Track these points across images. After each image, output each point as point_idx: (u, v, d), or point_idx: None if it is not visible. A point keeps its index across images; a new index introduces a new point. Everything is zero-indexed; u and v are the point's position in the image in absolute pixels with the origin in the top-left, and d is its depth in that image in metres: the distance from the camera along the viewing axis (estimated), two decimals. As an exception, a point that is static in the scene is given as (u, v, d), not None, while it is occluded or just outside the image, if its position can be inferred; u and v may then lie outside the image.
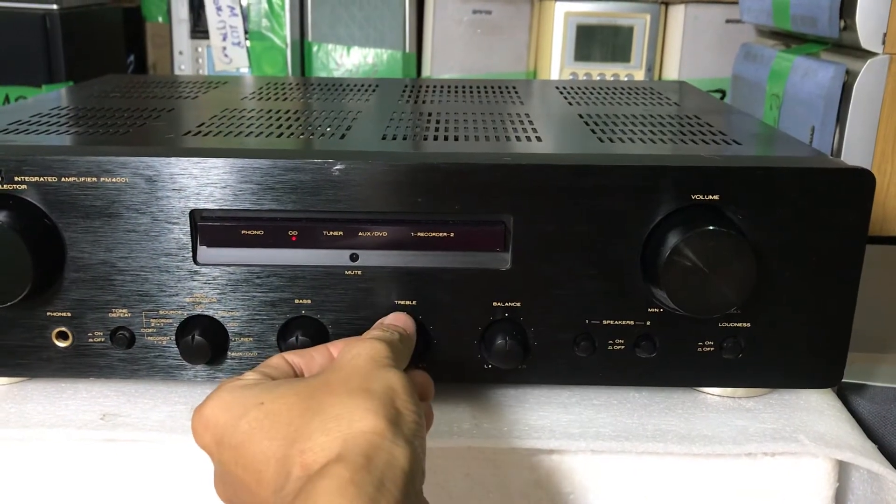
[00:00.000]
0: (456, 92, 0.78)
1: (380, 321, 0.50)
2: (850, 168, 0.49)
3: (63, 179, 0.50)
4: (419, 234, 0.51)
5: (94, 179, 0.50)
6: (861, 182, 0.49)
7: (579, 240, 0.50)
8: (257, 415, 0.38)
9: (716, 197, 0.49)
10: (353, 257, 0.51)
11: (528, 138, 0.58)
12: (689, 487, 0.52)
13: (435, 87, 0.82)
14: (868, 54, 0.90)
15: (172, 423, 0.52)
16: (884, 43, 0.90)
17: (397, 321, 0.50)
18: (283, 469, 0.36)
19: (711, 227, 0.47)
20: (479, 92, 0.79)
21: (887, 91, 0.90)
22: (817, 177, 0.49)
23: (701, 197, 0.49)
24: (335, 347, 0.46)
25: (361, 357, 0.42)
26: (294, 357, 0.45)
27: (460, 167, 0.49)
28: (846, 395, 0.58)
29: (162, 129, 0.59)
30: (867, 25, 0.90)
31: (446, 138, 0.57)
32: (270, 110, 0.66)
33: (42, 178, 0.49)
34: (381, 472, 0.34)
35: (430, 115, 0.66)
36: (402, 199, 0.50)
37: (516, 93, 0.78)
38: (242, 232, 0.51)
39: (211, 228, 0.51)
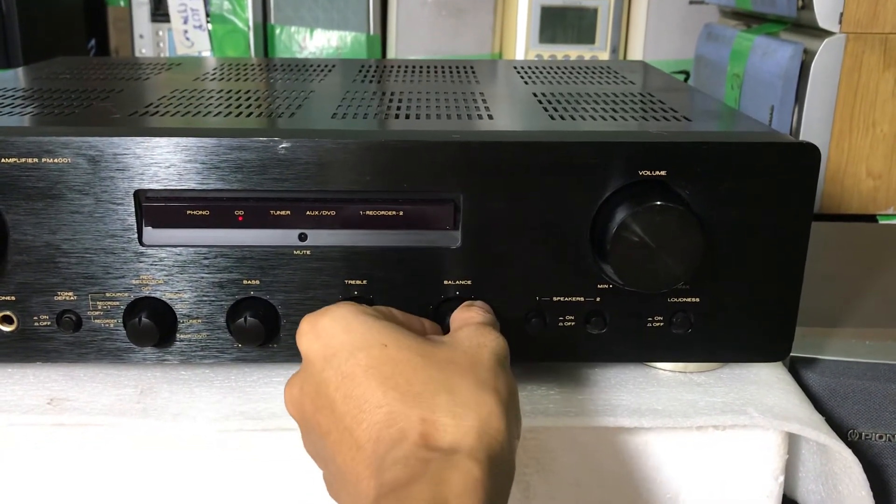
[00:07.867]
0: (412, 72, 0.78)
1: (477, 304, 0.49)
2: (795, 143, 0.50)
3: (3, 160, 0.49)
4: (368, 212, 0.50)
5: (36, 160, 0.49)
6: (807, 156, 0.49)
7: (529, 217, 0.50)
8: (378, 355, 0.36)
9: (663, 173, 0.49)
10: (302, 237, 0.51)
11: (480, 116, 0.57)
12: (640, 460, 0.53)
13: (391, 67, 0.82)
14: (825, 34, 0.91)
15: (121, 407, 0.51)
16: (840, 22, 0.90)
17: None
18: (393, 425, 0.35)
19: (658, 203, 0.47)
20: (434, 72, 0.78)
21: (844, 70, 0.91)
22: (763, 151, 0.49)
23: (648, 173, 0.49)
24: (430, 324, 0.47)
25: (487, 349, 0.40)
26: (398, 313, 0.44)
27: (408, 145, 0.49)
28: (797, 369, 0.58)
29: (108, 109, 0.58)
30: (824, 5, 0.91)
31: (397, 116, 0.57)
32: (221, 90, 0.65)
33: (-18, 160, 0.49)
34: (502, 481, 0.34)
35: (383, 94, 0.65)
36: (350, 177, 0.49)
37: (473, 73, 0.78)
38: (188, 212, 0.50)
39: (156, 209, 0.50)
